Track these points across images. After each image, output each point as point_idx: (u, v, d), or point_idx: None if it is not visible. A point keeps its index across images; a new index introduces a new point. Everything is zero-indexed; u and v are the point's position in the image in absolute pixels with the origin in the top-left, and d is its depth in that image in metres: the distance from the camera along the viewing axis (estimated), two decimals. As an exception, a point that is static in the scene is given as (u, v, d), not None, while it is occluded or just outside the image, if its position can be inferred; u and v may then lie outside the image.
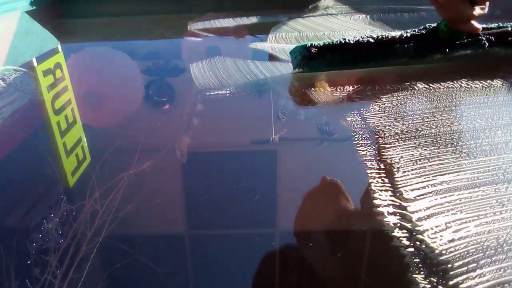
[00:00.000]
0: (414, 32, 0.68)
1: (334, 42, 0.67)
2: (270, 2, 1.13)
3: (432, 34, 0.67)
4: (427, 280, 0.31)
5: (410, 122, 0.53)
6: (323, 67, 0.68)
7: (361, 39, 0.67)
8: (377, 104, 0.58)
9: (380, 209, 0.39)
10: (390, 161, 0.45)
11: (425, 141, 0.48)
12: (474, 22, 0.64)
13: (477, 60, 0.68)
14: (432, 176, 0.42)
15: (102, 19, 1.13)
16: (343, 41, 0.66)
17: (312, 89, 0.64)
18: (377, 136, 0.50)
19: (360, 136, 0.51)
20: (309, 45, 0.66)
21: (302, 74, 0.69)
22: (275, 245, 0.36)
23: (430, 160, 0.45)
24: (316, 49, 0.66)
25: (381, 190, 0.41)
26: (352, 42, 0.66)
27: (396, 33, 0.68)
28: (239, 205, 0.42)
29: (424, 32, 0.68)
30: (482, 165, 0.44)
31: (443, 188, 0.41)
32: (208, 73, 0.72)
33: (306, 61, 0.66)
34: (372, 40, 0.66)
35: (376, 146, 0.48)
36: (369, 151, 0.47)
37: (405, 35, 0.67)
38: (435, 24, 0.68)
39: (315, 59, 0.66)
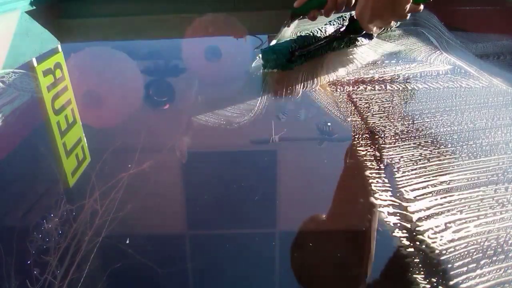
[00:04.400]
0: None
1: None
2: (270, 2, 1.13)
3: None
4: (427, 280, 0.31)
5: (410, 122, 0.53)
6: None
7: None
8: (377, 104, 0.58)
9: (380, 209, 0.39)
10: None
11: (425, 141, 0.48)
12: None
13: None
14: (432, 176, 0.42)
15: (102, 19, 1.13)
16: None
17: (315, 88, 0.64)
18: (377, 136, 0.50)
19: (360, 136, 0.51)
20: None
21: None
22: (275, 245, 0.36)
23: (430, 160, 0.45)
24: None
25: (381, 190, 0.41)
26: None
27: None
28: (239, 205, 0.42)
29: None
30: (482, 165, 0.44)
31: (443, 188, 0.41)
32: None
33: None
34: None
35: (376, 146, 0.48)
36: (369, 151, 0.47)
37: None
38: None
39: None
